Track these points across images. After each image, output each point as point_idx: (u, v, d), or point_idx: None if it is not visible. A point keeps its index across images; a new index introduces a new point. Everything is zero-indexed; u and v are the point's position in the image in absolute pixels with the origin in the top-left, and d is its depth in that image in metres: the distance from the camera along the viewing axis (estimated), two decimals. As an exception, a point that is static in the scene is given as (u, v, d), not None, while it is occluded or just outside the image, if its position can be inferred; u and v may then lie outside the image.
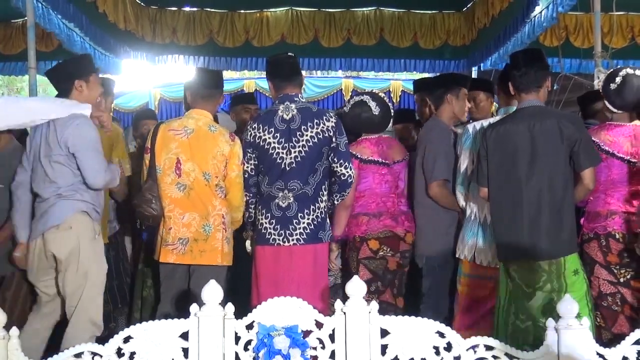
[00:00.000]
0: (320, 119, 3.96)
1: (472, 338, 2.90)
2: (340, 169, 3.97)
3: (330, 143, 3.96)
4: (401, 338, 2.84)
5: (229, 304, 2.87)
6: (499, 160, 3.66)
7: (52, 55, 8.28)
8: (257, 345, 2.82)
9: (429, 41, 9.33)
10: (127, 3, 8.12)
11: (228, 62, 9.54)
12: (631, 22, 8.72)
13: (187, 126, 4.05)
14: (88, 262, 3.68)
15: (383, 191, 4.26)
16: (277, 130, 3.94)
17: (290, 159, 3.93)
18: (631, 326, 3.62)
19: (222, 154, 4.03)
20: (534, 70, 3.67)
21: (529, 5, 6.81)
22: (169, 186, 3.99)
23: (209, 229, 3.98)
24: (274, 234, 3.92)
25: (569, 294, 3.43)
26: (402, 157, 4.38)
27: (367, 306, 2.82)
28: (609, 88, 3.91)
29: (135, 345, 2.83)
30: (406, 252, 4.28)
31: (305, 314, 2.85)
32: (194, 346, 2.81)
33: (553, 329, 2.85)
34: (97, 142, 3.74)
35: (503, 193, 3.65)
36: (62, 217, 3.66)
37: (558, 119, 3.60)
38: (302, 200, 3.92)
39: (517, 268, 3.61)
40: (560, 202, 3.57)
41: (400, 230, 4.24)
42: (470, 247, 4.06)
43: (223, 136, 4.07)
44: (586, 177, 3.60)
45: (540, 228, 3.56)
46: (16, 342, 2.86)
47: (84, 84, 3.82)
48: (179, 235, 3.97)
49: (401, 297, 4.29)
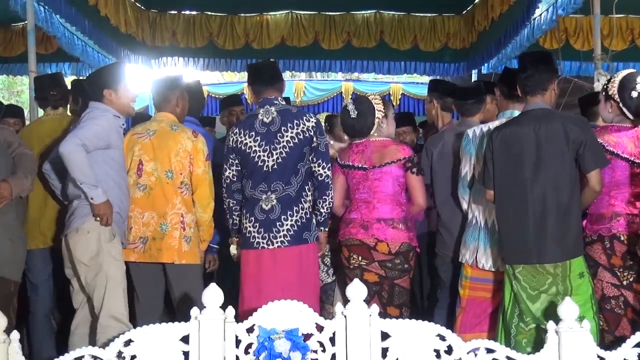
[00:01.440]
0: (300, 119, 3.97)
1: (473, 341, 2.90)
2: (319, 169, 3.98)
3: (312, 143, 3.96)
4: (402, 341, 2.84)
5: (229, 307, 2.87)
6: (504, 163, 3.64)
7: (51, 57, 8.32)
8: (257, 348, 2.82)
9: (429, 44, 9.35)
10: (127, 6, 8.15)
11: (228, 64, 9.57)
12: (631, 25, 8.74)
13: (149, 129, 4.14)
14: (107, 264, 3.74)
15: (360, 197, 4.12)
16: (257, 134, 3.96)
17: (272, 161, 3.93)
18: (634, 329, 3.61)
19: (185, 150, 4.07)
20: (539, 73, 3.66)
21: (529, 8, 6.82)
22: (131, 187, 4.05)
23: (166, 228, 4.03)
24: (258, 238, 3.92)
25: (575, 297, 3.46)
26: (392, 159, 4.09)
27: (368, 309, 2.82)
28: (627, 95, 3.85)
29: (136, 348, 2.83)
30: (387, 262, 4.03)
31: (305, 317, 2.84)
32: (195, 349, 2.81)
33: (554, 331, 2.85)
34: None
35: (509, 196, 3.64)
36: (82, 220, 3.74)
37: (563, 121, 3.59)
38: (285, 202, 3.92)
39: (522, 270, 3.61)
40: (566, 204, 3.55)
41: (370, 239, 4.02)
42: (472, 250, 4.05)
43: (185, 133, 4.12)
44: (592, 178, 3.58)
45: (546, 231, 3.54)
46: (16, 346, 2.86)
47: (113, 92, 3.90)
48: (139, 234, 4.04)
49: (393, 306, 4.06)
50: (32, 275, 4.35)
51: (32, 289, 4.37)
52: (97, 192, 3.67)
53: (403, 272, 4.07)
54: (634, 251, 3.72)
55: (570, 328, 2.82)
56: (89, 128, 3.72)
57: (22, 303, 4.29)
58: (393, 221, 4.04)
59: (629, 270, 3.81)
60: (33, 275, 4.35)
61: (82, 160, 3.62)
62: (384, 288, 4.06)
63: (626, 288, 3.82)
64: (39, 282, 4.37)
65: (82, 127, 3.73)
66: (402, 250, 4.04)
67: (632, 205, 3.81)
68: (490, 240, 3.95)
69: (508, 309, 3.68)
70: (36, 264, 4.34)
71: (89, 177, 3.64)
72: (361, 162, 4.12)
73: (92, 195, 3.66)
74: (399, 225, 4.05)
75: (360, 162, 4.13)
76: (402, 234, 4.04)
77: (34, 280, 4.37)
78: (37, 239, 4.33)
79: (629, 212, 3.80)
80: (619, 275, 3.81)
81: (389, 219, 4.05)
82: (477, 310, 4.10)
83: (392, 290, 4.07)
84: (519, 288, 3.61)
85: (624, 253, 3.80)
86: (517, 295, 3.63)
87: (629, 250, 3.78)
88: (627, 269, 3.81)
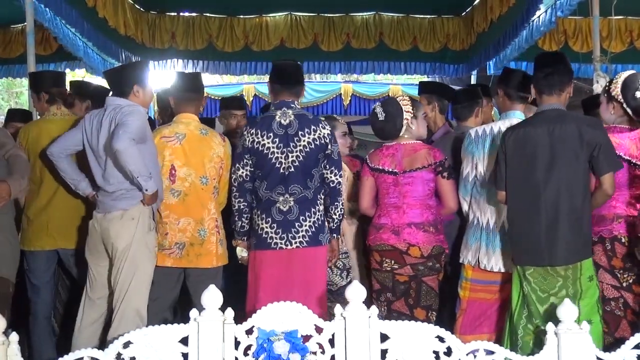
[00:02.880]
0: (317, 126, 3.98)
1: (472, 343, 2.90)
2: (331, 175, 3.99)
3: (326, 150, 3.98)
4: (401, 343, 2.84)
5: (228, 309, 2.86)
6: (517, 164, 3.62)
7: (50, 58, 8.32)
8: (256, 350, 2.82)
9: (428, 45, 9.36)
10: (126, 8, 8.15)
11: (227, 66, 9.57)
12: (630, 26, 8.75)
13: (177, 132, 4.11)
14: (140, 254, 3.81)
15: (389, 202, 4.12)
16: (275, 135, 3.95)
17: (288, 163, 3.93)
18: (633, 331, 3.61)
19: (218, 156, 4.13)
20: (558, 74, 3.65)
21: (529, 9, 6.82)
22: (164, 192, 4.04)
23: (204, 234, 4.07)
24: (276, 238, 3.91)
25: (583, 300, 3.47)
26: (424, 164, 4.07)
27: (367, 311, 2.82)
28: (631, 95, 3.85)
29: (135, 350, 2.83)
30: (419, 265, 4.03)
31: (304, 319, 2.85)
32: (194, 351, 2.81)
33: (553, 333, 2.86)
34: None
35: (521, 197, 3.61)
36: (130, 204, 3.82)
37: (578, 123, 3.58)
38: (303, 203, 3.93)
39: (533, 272, 3.59)
40: (578, 207, 3.54)
41: (402, 244, 4.03)
42: (474, 252, 4.05)
43: (216, 138, 4.16)
44: (606, 182, 3.56)
45: (558, 232, 3.52)
46: (15, 348, 2.86)
47: (141, 89, 3.95)
48: (175, 240, 4.05)
49: (420, 307, 4.04)
50: (34, 277, 4.33)
51: (34, 291, 4.35)
52: (151, 184, 3.75)
53: (432, 271, 4.08)
54: (633, 253, 3.73)
55: (569, 329, 2.83)
56: (132, 123, 3.74)
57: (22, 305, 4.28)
58: (423, 225, 4.05)
59: (629, 272, 3.82)
60: (35, 276, 4.33)
61: (137, 154, 3.69)
62: (412, 287, 4.05)
63: (626, 290, 3.82)
64: (41, 284, 4.34)
65: (126, 124, 3.72)
66: (434, 253, 4.05)
67: (632, 207, 3.81)
68: (492, 241, 3.95)
69: (515, 310, 3.66)
70: (40, 265, 4.33)
71: (144, 169, 3.71)
72: (392, 166, 4.11)
73: (147, 186, 3.74)
74: (430, 229, 4.05)
75: (391, 166, 4.11)
76: (433, 237, 4.05)
77: (36, 282, 4.34)
78: (43, 240, 4.30)
79: (630, 214, 3.80)
80: (619, 277, 3.81)
81: (419, 223, 4.05)
82: (477, 312, 4.10)
83: (419, 289, 4.05)
84: (529, 290, 3.59)
85: (624, 255, 3.80)
86: (526, 296, 3.61)
87: (629, 252, 3.78)
88: (627, 271, 3.82)
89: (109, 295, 3.91)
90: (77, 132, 3.98)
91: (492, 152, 3.97)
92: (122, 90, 3.94)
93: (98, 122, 3.87)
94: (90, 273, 3.96)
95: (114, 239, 3.80)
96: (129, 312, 3.74)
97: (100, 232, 3.87)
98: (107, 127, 3.82)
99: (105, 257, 3.90)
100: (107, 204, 3.87)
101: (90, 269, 3.96)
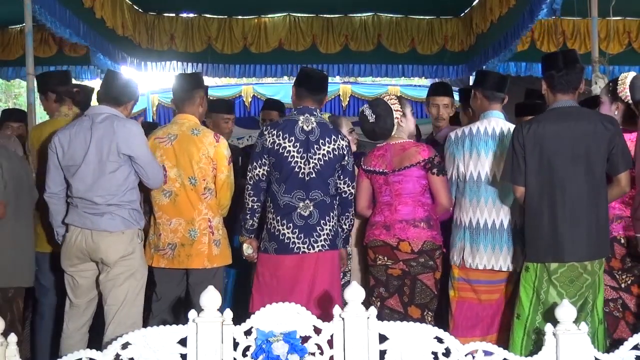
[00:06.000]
0: (336, 136, 4.04)
1: (471, 343, 2.90)
2: (344, 186, 4.05)
3: (342, 161, 4.03)
4: (400, 344, 2.84)
5: (227, 309, 2.86)
6: (538, 160, 3.60)
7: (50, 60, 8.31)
8: (255, 351, 2.82)
9: (426, 47, 9.36)
10: (124, 9, 8.14)
11: (226, 68, 9.56)
12: (628, 28, 8.75)
13: (170, 133, 4.12)
14: (137, 265, 3.83)
15: (383, 200, 4.15)
16: (297, 140, 3.97)
17: (308, 169, 3.96)
18: (632, 332, 3.61)
19: (207, 157, 4.08)
20: (575, 72, 3.66)
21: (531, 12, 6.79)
22: (157, 193, 4.08)
23: (195, 234, 4.06)
24: (298, 243, 3.94)
25: (599, 299, 3.49)
26: (412, 162, 4.08)
27: (366, 312, 2.82)
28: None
29: (134, 351, 2.82)
30: (411, 261, 4.03)
31: (303, 320, 2.85)
32: (192, 352, 2.80)
33: (552, 334, 2.85)
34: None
35: (541, 194, 3.59)
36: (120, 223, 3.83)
37: (599, 120, 3.60)
38: (322, 208, 3.98)
39: (559, 277, 3.51)
40: (600, 203, 3.55)
41: (392, 239, 4.06)
42: (459, 251, 4.07)
43: (206, 138, 4.11)
44: (623, 180, 3.58)
45: (581, 229, 3.52)
46: (14, 349, 2.85)
47: (130, 105, 4.04)
48: (168, 241, 4.07)
49: (415, 305, 4.05)
50: (43, 278, 4.34)
51: (42, 292, 4.36)
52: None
53: (426, 268, 4.05)
54: (634, 254, 3.73)
55: (567, 330, 2.83)
56: (146, 150, 3.89)
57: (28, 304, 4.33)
58: (415, 221, 4.06)
59: (628, 273, 3.82)
60: (44, 277, 4.34)
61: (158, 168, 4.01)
62: (406, 283, 4.05)
63: (624, 291, 3.83)
64: (50, 285, 4.35)
65: (142, 144, 3.86)
66: (426, 249, 4.03)
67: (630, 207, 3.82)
68: (476, 240, 3.99)
69: (529, 317, 3.60)
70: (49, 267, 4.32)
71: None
72: (382, 166, 4.15)
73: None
74: (421, 224, 4.06)
75: (381, 166, 4.15)
76: (424, 233, 4.04)
77: (46, 283, 4.35)
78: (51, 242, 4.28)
79: (629, 215, 3.81)
80: (618, 278, 3.82)
81: (410, 219, 4.07)
82: (469, 313, 4.10)
83: (413, 286, 4.04)
84: (555, 295, 3.52)
85: (623, 256, 3.81)
86: (548, 300, 3.53)
87: (629, 253, 3.79)
88: (626, 272, 3.82)
89: (94, 297, 3.91)
90: (51, 161, 3.91)
91: (471, 151, 4.05)
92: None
93: (86, 131, 3.81)
94: (70, 281, 3.92)
95: (104, 254, 3.79)
96: (125, 321, 3.73)
97: (85, 247, 3.82)
98: (106, 136, 3.80)
99: (90, 265, 3.88)
100: (92, 220, 3.80)
101: (70, 277, 3.92)
